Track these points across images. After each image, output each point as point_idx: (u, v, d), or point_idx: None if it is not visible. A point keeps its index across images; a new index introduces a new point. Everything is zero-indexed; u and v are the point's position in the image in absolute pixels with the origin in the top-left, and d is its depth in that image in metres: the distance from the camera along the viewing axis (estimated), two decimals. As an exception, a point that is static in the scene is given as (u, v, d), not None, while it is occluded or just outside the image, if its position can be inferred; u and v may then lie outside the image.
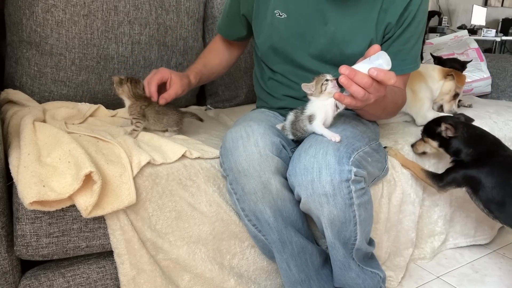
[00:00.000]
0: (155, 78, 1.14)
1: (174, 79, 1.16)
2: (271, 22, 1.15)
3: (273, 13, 1.14)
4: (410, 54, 1.14)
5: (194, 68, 1.29)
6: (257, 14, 1.19)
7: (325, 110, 1.00)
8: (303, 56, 1.16)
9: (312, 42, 1.14)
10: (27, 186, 0.83)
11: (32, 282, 0.95)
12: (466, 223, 1.57)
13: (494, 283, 1.38)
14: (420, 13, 1.10)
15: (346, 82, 0.85)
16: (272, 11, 1.14)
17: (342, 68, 0.85)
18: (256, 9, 1.19)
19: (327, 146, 0.95)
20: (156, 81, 1.13)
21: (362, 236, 1.01)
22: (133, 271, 0.97)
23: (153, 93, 1.12)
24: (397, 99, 1.15)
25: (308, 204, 0.96)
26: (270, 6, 1.15)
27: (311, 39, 1.14)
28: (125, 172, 0.94)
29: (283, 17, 1.13)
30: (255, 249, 1.13)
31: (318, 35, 1.13)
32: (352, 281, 1.07)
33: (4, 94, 1.27)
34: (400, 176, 1.33)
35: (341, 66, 0.85)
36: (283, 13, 1.13)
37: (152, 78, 1.14)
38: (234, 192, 1.02)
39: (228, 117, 1.63)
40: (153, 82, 1.13)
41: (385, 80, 0.85)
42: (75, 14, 1.33)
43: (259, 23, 1.19)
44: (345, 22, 1.10)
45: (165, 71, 1.16)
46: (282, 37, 1.15)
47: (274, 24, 1.15)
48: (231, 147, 0.99)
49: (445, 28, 4.63)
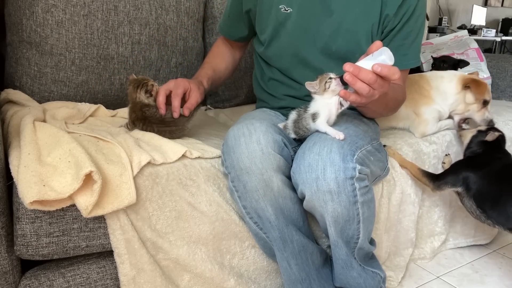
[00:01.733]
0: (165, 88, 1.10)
1: (193, 88, 1.14)
2: (276, 17, 1.15)
3: (278, 8, 1.14)
4: (411, 49, 1.15)
5: (205, 74, 1.27)
6: (261, 10, 1.19)
7: (329, 108, 1.00)
8: (308, 49, 1.16)
9: (318, 34, 1.14)
10: (27, 186, 0.83)
11: (32, 282, 0.95)
12: (466, 223, 1.57)
13: (494, 283, 1.38)
14: (419, 7, 1.11)
15: (351, 79, 0.85)
16: (277, 7, 1.15)
17: (346, 66, 0.85)
18: (259, 5, 1.19)
19: (331, 144, 0.95)
20: (164, 91, 1.09)
21: (364, 235, 1.01)
22: (133, 271, 0.97)
23: (159, 104, 1.08)
24: (397, 95, 1.15)
25: (312, 202, 0.96)
26: (274, 2, 1.15)
27: (316, 32, 1.14)
28: (125, 172, 0.94)
29: (289, 12, 1.14)
30: (255, 249, 1.13)
31: (323, 27, 1.13)
32: (354, 280, 1.07)
33: (4, 94, 1.27)
34: (400, 176, 1.33)
35: (345, 64, 0.85)
36: (289, 7, 1.13)
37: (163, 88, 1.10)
38: (236, 190, 1.02)
39: (228, 117, 1.63)
40: (161, 92, 1.09)
41: (389, 75, 0.85)
42: (75, 14, 1.33)
43: (263, 19, 1.19)
44: (350, 11, 1.11)
45: (184, 82, 1.12)
46: (287, 31, 1.15)
47: (279, 19, 1.15)
48: (233, 144, 0.99)
49: (445, 28, 4.63)
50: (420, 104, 1.47)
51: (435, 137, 1.48)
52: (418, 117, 1.47)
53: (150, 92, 1.11)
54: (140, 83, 1.11)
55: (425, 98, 1.48)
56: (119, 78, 1.45)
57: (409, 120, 1.50)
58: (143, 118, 1.12)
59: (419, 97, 1.47)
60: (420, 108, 1.46)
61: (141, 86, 1.11)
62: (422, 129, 1.47)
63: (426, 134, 1.47)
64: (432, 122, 1.47)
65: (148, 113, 1.11)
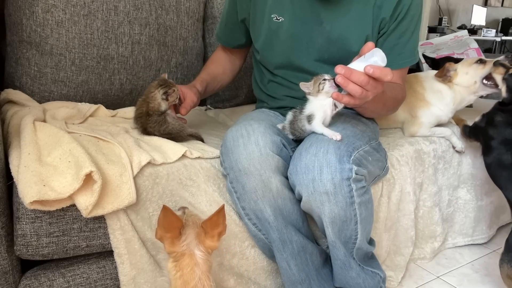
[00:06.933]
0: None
1: (184, 90, 1.18)
2: (268, 27, 1.17)
3: (270, 18, 1.16)
4: (406, 48, 1.15)
5: (198, 78, 1.32)
6: (254, 19, 1.20)
7: (323, 110, 1.00)
8: (302, 57, 1.17)
9: (310, 42, 1.15)
10: (27, 186, 0.83)
11: (32, 282, 0.95)
12: (465, 223, 1.57)
13: (494, 283, 1.38)
14: (413, 6, 1.11)
15: (342, 81, 0.86)
16: (269, 16, 1.16)
17: (338, 68, 0.85)
18: (253, 15, 1.20)
19: (328, 145, 0.95)
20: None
21: (362, 235, 1.01)
22: (133, 271, 0.97)
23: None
24: (396, 94, 1.15)
25: (309, 202, 0.96)
26: (266, 11, 1.16)
27: (309, 40, 1.15)
28: (125, 172, 0.94)
29: (280, 21, 1.15)
30: (255, 249, 1.13)
31: (315, 35, 1.14)
32: (353, 280, 1.07)
33: (4, 94, 1.27)
34: (399, 174, 1.33)
35: (336, 66, 0.86)
36: (280, 17, 1.14)
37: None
38: (235, 191, 1.02)
39: (228, 117, 1.63)
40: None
41: (381, 77, 0.85)
42: (75, 14, 1.33)
43: (256, 28, 1.21)
44: (340, 20, 1.12)
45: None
46: (280, 40, 1.17)
47: (272, 28, 1.16)
48: (232, 145, 1.00)
49: (445, 28, 4.63)
50: (417, 107, 1.46)
51: (435, 137, 1.48)
52: (413, 119, 1.47)
53: (167, 96, 1.11)
54: (164, 84, 1.12)
55: (421, 101, 1.47)
56: (119, 78, 1.45)
57: (406, 122, 1.50)
58: (147, 114, 1.12)
59: (415, 100, 1.46)
60: (417, 111, 1.46)
61: (164, 86, 1.12)
62: (414, 129, 1.46)
63: (415, 135, 1.46)
64: (426, 126, 1.46)
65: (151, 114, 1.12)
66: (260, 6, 1.17)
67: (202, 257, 0.83)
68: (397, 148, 1.38)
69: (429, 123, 1.46)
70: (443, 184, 1.51)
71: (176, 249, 0.82)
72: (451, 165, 1.51)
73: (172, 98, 1.12)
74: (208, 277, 0.82)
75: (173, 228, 0.82)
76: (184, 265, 0.81)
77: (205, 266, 0.83)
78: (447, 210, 1.53)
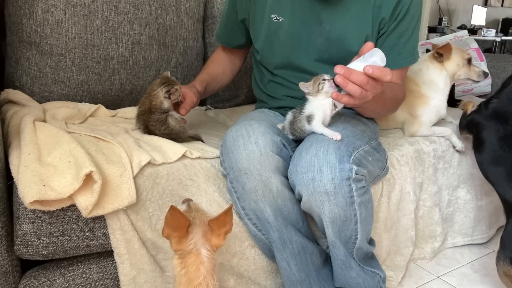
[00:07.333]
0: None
1: (184, 90, 1.18)
2: (268, 27, 1.17)
3: (270, 18, 1.16)
4: (406, 48, 1.15)
5: (198, 78, 1.32)
6: (254, 19, 1.20)
7: (323, 110, 1.00)
8: (301, 57, 1.17)
9: (310, 42, 1.15)
10: (27, 186, 0.83)
11: (32, 282, 0.95)
12: (465, 223, 1.57)
13: (494, 283, 1.38)
14: (413, 6, 1.11)
15: (342, 81, 0.86)
16: (268, 16, 1.16)
17: (337, 68, 0.85)
18: (252, 15, 1.20)
19: (328, 145, 0.95)
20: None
21: (362, 235, 1.01)
22: (133, 271, 0.97)
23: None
24: (396, 94, 1.15)
25: (309, 202, 0.96)
26: (266, 11, 1.16)
27: (308, 40, 1.15)
28: (125, 172, 0.94)
29: (280, 21, 1.15)
30: (255, 249, 1.13)
31: (315, 35, 1.14)
32: (353, 280, 1.07)
33: (4, 94, 1.27)
34: (399, 174, 1.33)
35: (336, 66, 0.86)
36: (280, 17, 1.14)
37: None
38: (235, 191, 1.02)
39: (228, 117, 1.63)
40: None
41: (381, 77, 0.85)
42: (75, 14, 1.33)
43: (256, 28, 1.21)
44: (339, 20, 1.12)
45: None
46: (280, 40, 1.17)
47: (272, 28, 1.16)
48: (232, 145, 1.00)
49: (445, 28, 4.63)
50: (417, 105, 1.46)
51: (435, 137, 1.48)
52: (413, 118, 1.47)
53: (170, 94, 1.11)
54: (167, 82, 1.12)
55: (419, 99, 1.47)
56: (119, 78, 1.45)
57: (406, 122, 1.50)
58: (149, 111, 1.12)
59: (413, 99, 1.46)
60: (417, 110, 1.46)
61: (166, 84, 1.12)
62: (414, 129, 1.46)
63: (415, 134, 1.47)
64: (427, 124, 1.46)
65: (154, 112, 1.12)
66: (260, 6, 1.17)
67: (207, 255, 0.83)
68: (397, 148, 1.38)
69: (429, 121, 1.46)
70: (443, 184, 1.51)
71: (183, 247, 0.82)
72: (451, 165, 1.51)
73: (174, 97, 1.12)
74: (212, 276, 0.82)
75: (181, 227, 0.82)
76: (189, 263, 0.82)
77: (210, 264, 0.83)
78: (447, 210, 1.54)
